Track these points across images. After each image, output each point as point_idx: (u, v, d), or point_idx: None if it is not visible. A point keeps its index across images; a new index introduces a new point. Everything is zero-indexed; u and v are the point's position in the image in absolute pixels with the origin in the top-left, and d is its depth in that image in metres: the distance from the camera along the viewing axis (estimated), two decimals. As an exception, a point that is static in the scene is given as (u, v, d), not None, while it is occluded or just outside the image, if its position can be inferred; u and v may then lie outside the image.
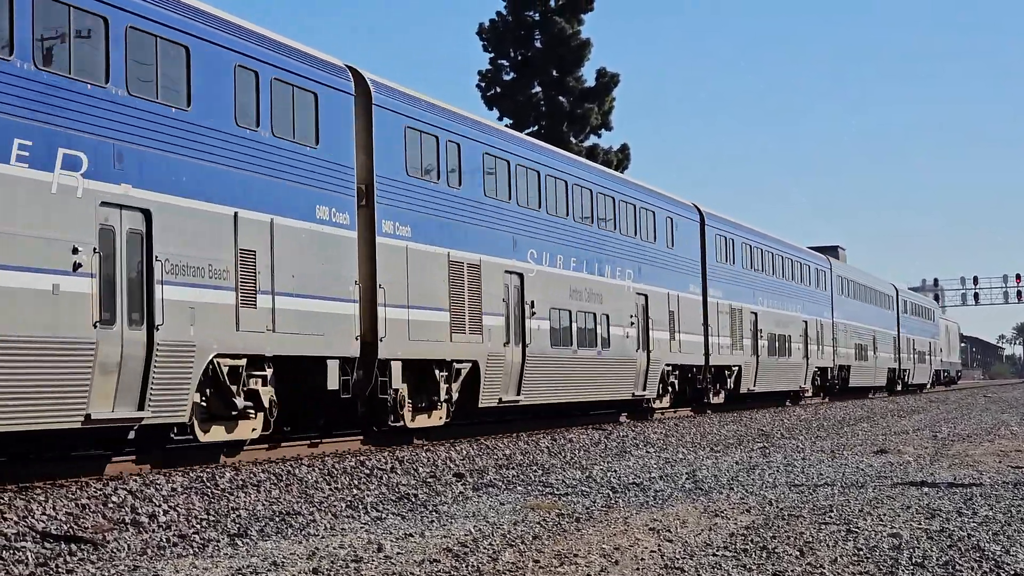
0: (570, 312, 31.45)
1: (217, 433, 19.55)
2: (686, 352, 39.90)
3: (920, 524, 12.97)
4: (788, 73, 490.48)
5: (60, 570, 10.63)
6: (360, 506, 15.12)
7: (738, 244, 46.70)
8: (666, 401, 38.97)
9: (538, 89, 65.95)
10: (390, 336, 23.13)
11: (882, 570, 10.43)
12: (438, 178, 25.46)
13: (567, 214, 31.97)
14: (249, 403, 19.80)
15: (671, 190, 41.74)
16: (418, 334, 24.13)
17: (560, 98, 65.66)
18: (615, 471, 19.89)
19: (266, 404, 20.20)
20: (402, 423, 24.13)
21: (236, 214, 19.32)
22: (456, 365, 25.75)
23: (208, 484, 16.29)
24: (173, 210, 17.87)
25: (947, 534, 12.22)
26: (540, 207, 30.34)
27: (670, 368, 38.67)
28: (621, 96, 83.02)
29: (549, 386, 30.51)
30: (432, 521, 13.69)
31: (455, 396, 25.94)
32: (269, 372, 20.26)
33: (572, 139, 64.58)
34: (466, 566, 10.65)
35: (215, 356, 18.72)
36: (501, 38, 65.52)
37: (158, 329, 17.37)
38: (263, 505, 14.94)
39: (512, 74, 66.01)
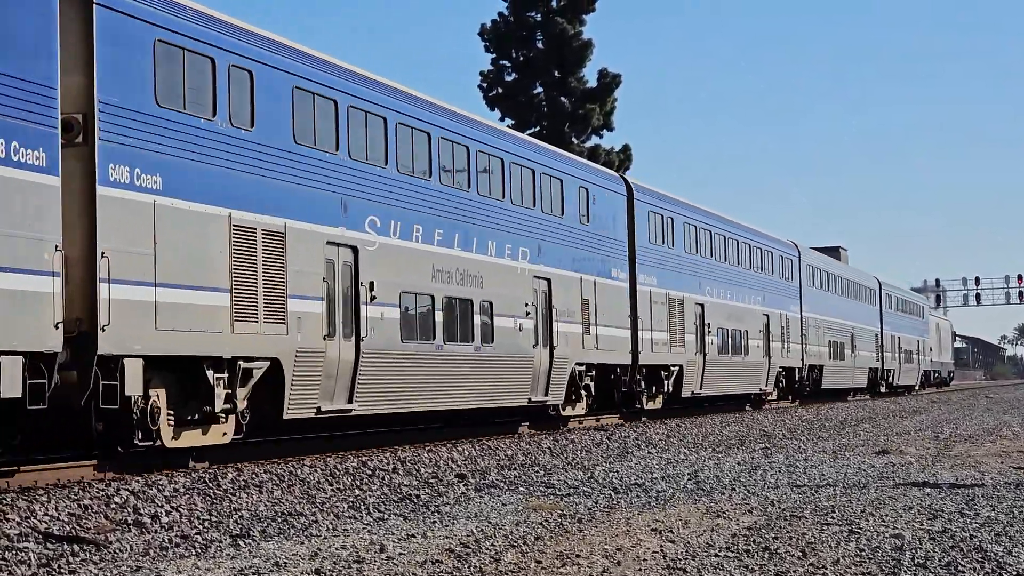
0: (432, 297, 25.48)
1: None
2: (606, 349, 33.49)
3: (922, 525, 12.97)
4: (789, 73, 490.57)
5: (63, 571, 10.63)
6: (362, 507, 15.12)
7: (679, 224, 40.38)
8: (580, 408, 32.53)
9: (540, 90, 65.99)
10: (119, 324, 17.15)
11: (884, 571, 10.42)
12: (213, 114, 19.40)
13: (429, 174, 25.73)
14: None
15: (672, 190, 41.39)
16: (172, 321, 18.22)
17: (562, 99, 65.69)
18: (617, 471, 19.88)
19: None
20: (159, 442, 18.36)
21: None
22: (243, 364, 19.80)
23: (210, 485, 16.29)
24: None
25: (949, 535, 12.22)
26: (387, 163, 24.19)
27: (583, 368, 32.37)
28: (623, 97, 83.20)
29: (399, 391, 24.31)
30: (434, 522, 13.68)
31: (241, 405, 19.94)
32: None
33: (574, 139, 64.63)
34: (468, 567, 10.65)
35: None
36: (503, 39, 65.56)
37: None
38: (265, 506, 14.95)
39: (514, 75, 66.05)
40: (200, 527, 13.20)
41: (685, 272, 40.18)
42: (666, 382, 38.01)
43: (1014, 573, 10.29)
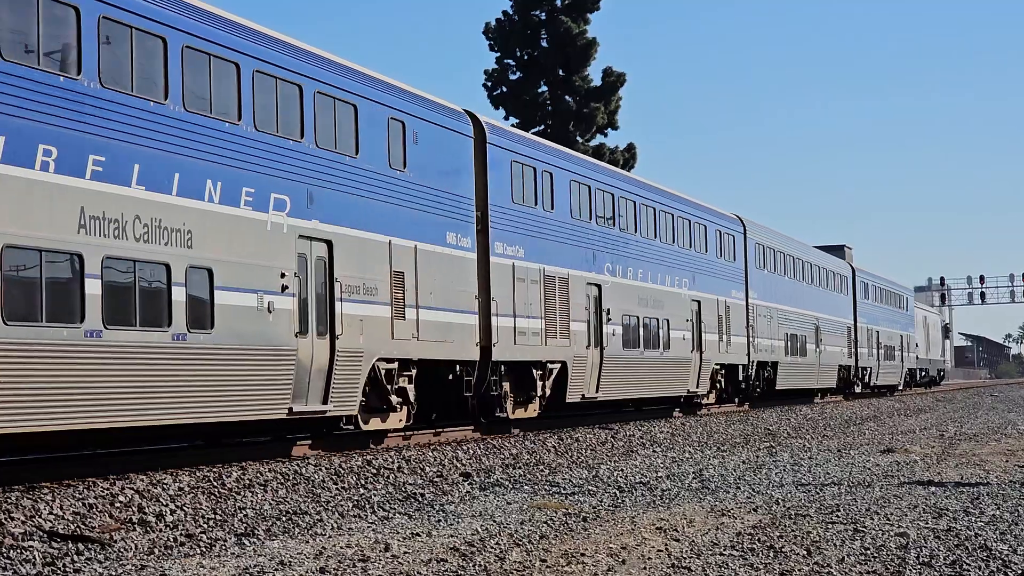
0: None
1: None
2: (433, 339, 24.86)
3: (927, 523, 12.96)
4: (795, 72, 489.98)
5: (67, 569, 10.64)
6: (367, 505, 15.12)
7: (562, 181, 31.00)
8: (396, 420, 24.25)
9: (544, 88, 66.01)
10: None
11: (889, 569, 10.42)
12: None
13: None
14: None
15: (676, 189, 40.97)
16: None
17: (566, 97, 65.70)
18: (622, 470, 19.88)
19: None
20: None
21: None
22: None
23: (215, 484, 16.29)
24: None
25: (954, 533, 12.21)
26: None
27: (393, 366, 23.85)
28: (627, 96, 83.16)
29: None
30: (439, 520, 13.69)
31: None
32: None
33: (578, 138, 64.64)
34: (473, 565, 10.65)
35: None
36: (507, 38, 65.58)
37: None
38: (270, 504, 14.95)
39: (518, 73, 66.06)
40: (205, 526, 13.21)
41: (571, 243, 31.21)
42: (540, 383, 29.21)
43: (1019, 571, 10.29)
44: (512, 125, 48.98)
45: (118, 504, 14.21)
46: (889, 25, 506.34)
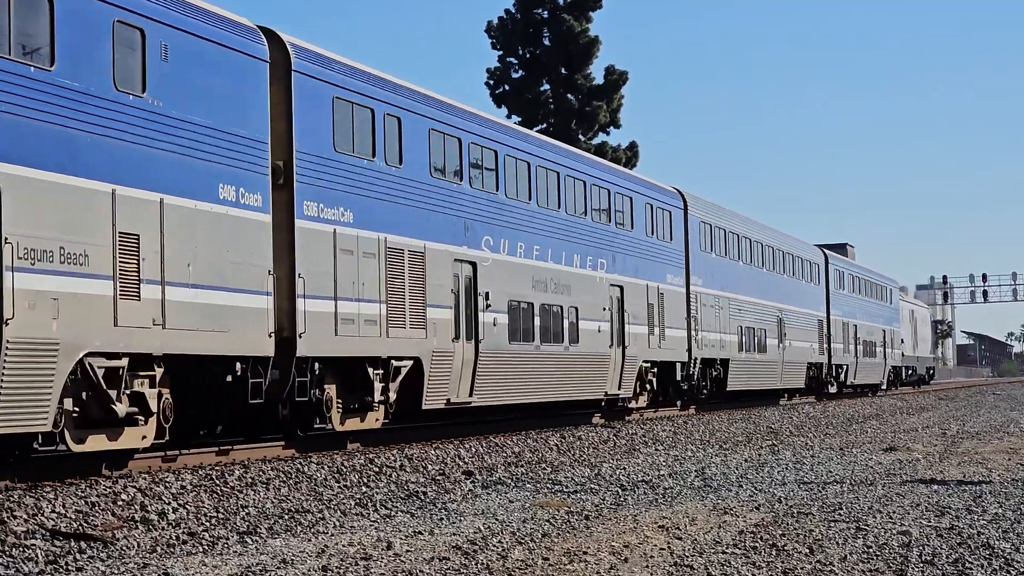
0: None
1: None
2: (190, 328, 17.85)
3: (930, 522, 12.96)
4: (797, 70, 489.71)
5: (70, 568, 10.64)
6: (369, 504, 15.12)
7: (414, 128, 23.98)
8: (139, 437, 17.49)
9: (547, 87, 66.00)
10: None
11: (892, 568, 10.42)
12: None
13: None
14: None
15: (680, 187, 40.40)
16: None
17: (569, 96, 65.69)
18: (624, 469, 19.88)
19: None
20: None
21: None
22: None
23: (217, 482, 16.29)
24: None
25: (957, 532, 12.21)
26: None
27: (106, 366, 16.97)
28: (630, 94, 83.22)
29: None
30: (441, 519, 13.69)
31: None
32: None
33: (581, 137, 64.63)
34: (475, 564, 10.65)
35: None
36: (510, 36, 65.56)
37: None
38: (272, 503, 14.95)
39: (521, 72, 66.05)
40: (207, 524, 13.21)
41: (430, 208, 24.48)
42: (380, 385, 22.69)
43: (1022, 570, 10.28)
44: (516, 123, 48.42)
45: (120, 502, 14.21)
46: (890, 25, 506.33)
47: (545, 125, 64.69)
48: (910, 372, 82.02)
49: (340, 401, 21.82)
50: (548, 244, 29.27)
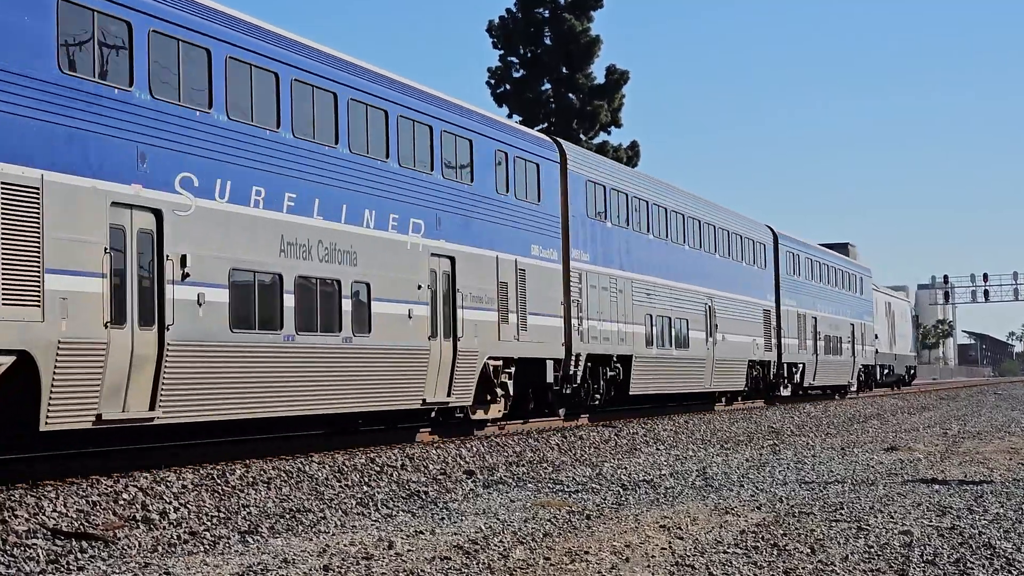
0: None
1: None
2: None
3: (931, 522, 12.95)
4: (798, 69, 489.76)
5: (71, 567, 10.64)
6: (370, 503, 15.12)
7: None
8: None
9: (548, 86, 66.02)
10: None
11: (893, 567, 10.41)
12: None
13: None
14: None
15: (682, 186, 39.92)
16: None
17: (570, 95, 65.71)
18: (625, 468, 19.88)
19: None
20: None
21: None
22: None
23: (218, 481, 16.29)
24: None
25: (958, 531, 12.21)
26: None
27: None
28: (631, 93, 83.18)
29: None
30: (443, 518, 13.69)
31: None
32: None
33: (582, 136, 64.64)
34: (477, 563, 10.65)
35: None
36: (511, 35, 65.59)
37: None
38: (273, 502, 14.95)
39: (522, 71, 66.07)
40: (208, 523, 13.21)
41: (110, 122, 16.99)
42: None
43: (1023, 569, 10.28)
44: (518, 122, 48.08)
45: (122, 502, 14.21)
46: (890, 24, 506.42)
47: (546, 124, 64.69)
48: (887, 372, 72.86)
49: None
50: (301, 189, 20.90)
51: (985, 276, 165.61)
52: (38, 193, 15.59)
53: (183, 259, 17.99)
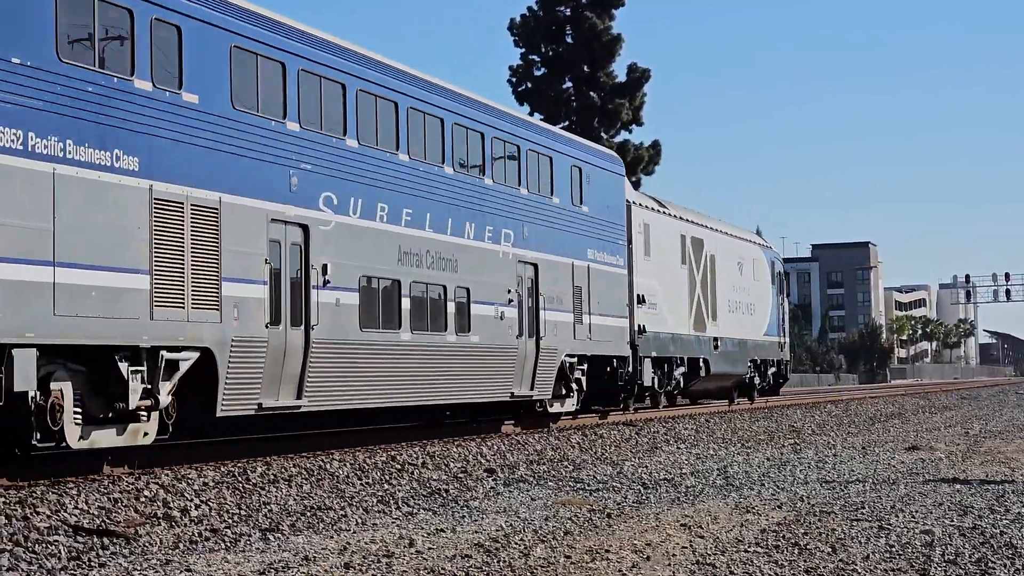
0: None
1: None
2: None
3: (952, 521, 12.92)
4: (819, 67, 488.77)
5: (92, 563, 10.67)
6: (391, 501, 15.14)
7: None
8: None
9: (569, 84, 66.03)
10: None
11: (914, 567, 10.39)
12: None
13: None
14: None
15: (698, 185, 40.35)
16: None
17: (591, 93, 65.69)
18: (646, 467, 19.86)
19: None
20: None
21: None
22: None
23: (239, 479, 16.33)
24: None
25: (980, 531, 12.17)
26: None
27: None
28: (652, 92, 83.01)
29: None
30: (463, 516, 13.69)
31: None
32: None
33: (603, 134, 64.62)
34: (497, 561, 10.65)
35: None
36: (532, 33, 65.61)
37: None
38: (294, 500, 14.98)
39: (543, 69, 66.11)
40: (229, 521, 13.24)
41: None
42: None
43: (1046, 570, 10.24)
44: (538, 119, 48.18)
45: (143, 499, 14.26)
46: (912, 22, 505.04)
47: (567, 123, 64.69)
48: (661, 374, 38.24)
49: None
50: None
51: (1007, 275, 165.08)
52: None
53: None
